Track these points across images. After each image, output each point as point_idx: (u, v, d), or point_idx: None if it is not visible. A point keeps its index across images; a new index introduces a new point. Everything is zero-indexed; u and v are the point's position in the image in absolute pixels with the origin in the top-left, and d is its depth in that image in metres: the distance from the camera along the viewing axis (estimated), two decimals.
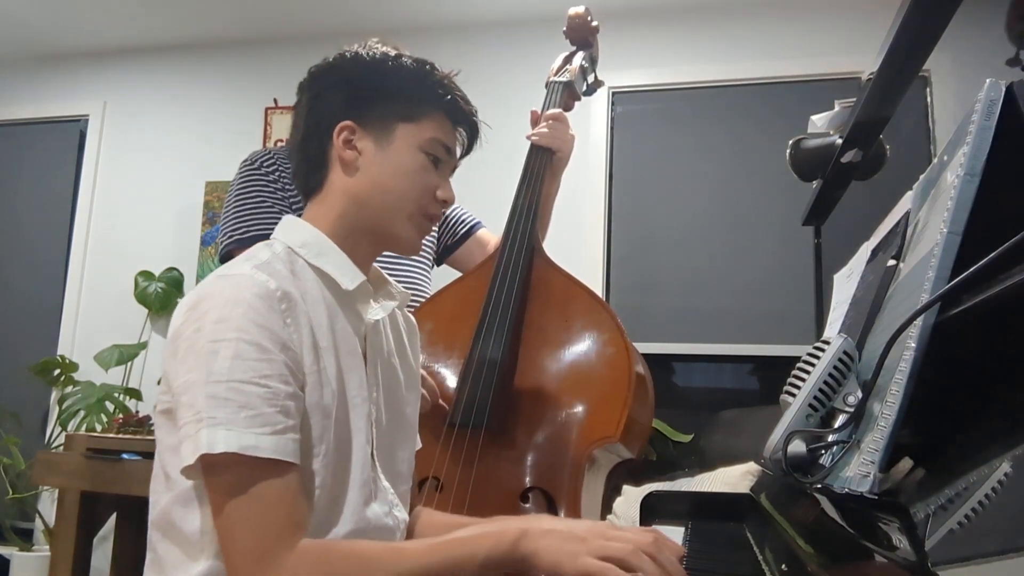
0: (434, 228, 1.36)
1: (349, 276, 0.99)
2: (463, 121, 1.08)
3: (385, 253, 1.11)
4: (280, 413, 0.85)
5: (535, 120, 1.79)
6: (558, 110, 1.79)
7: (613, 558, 0.79)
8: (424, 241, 1.18)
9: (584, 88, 1.95)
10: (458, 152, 1.10)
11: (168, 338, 0.91)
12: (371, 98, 1.02)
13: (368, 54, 1.05)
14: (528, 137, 1.76)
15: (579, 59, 1.91)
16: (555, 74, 1.88)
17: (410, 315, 1.20)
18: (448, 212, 1.84)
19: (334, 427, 0.94)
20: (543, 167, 1.72)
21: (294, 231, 1.01)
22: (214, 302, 0.87)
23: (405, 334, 1.15)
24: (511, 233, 1.64)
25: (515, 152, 1.82)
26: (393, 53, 1.05)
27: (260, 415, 0.83)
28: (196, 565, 0.89)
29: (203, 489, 0.89)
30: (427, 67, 1.05)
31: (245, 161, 1.72)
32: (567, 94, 1.85)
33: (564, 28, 1.95)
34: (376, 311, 1.05)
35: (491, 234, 1.87)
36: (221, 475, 0.83)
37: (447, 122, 1.05)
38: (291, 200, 1.68)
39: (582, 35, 1.94)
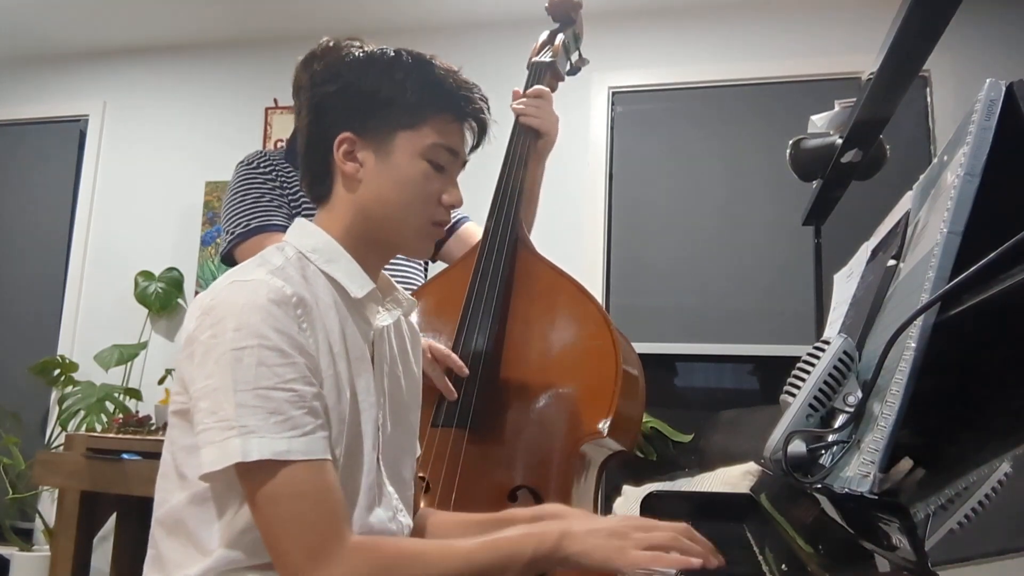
0: None
1: (358, 283, 0.99)
2: (468, 115, 1.03)
3: None
4: (308, 414, 0.86)
5: (516, 99, 1.68)
6: (542, 87, 1.68)
7: (658, 547, 0.85)
8: None
9: (568, 68, 1.83)
10: (468, 146, 1.05)
11: (183, 341, 0.91)
12: (369, 107, 0.98)
13: (364, 58, 1.00)
14: (512, 108, 1.66)
15: (562, 37, 1.79)
16: (536, 54, 1.77)
17: (413, 322, 1.18)
18: None
19: (347, 432, 0.94)
20: (527, 151, 1.64)
21: (305, 236, 1.01)
22: (230, 308, 0.87)
23: (408, 341, 1.15)
24: (494, 222, 1.58)
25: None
26: (391, 55, 1.00)
27: (289, 419, 0.85)
28: (204, 560, 0.90)
29: (221, 491, 0.90)
30: (425, 67, 1.00)
31: (241, 162, 1.72)
32: (550, 75, 1.74)
33: (546, 4, 1.82)
34: (384, 317, 1.05)
35: (478, 227, 1.83)
36: (259, 480, 0.84)
37: (451, 121, 1.01)
38: (290, 198, 1.67)
39: (564, 10, 1.80)
